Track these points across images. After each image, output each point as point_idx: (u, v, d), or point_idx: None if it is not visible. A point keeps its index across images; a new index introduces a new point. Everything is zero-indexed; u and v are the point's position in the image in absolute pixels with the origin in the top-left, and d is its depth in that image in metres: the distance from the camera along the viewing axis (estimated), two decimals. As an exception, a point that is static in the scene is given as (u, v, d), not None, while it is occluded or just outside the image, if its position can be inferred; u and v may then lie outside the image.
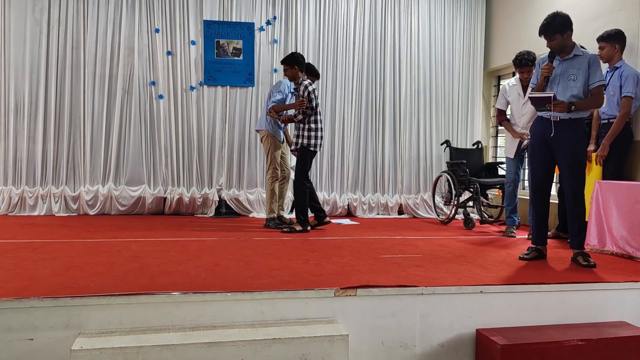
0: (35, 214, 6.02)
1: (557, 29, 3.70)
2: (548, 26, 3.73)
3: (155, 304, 2.67)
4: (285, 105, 5.34)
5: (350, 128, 6.80)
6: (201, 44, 6.45)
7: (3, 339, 2.51)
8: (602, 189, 4.25)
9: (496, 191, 6.34)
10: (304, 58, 5.36)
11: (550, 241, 4.17)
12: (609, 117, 4.62)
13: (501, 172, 6.24)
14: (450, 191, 6.19)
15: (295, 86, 5.25)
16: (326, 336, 2.62)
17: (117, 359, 2.39)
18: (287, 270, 3.33)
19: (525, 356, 2.76)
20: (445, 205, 6.62)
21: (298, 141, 5.16)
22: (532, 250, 3.95)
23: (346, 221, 6.18)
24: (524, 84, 5.08)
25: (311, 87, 5.10)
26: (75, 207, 6.16)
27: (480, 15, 7.14)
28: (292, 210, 5.77)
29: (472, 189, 5.90)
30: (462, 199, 6.13)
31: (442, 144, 6.72)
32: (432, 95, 7.03)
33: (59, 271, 3.17)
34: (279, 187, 5.59)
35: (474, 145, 6.69)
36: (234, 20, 6.50)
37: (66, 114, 6.16)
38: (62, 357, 2.52)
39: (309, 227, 5.21)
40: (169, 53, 6.38)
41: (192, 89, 6.44)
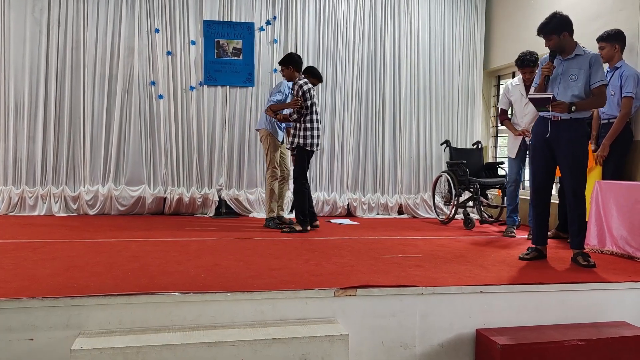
0: (35, 214, 6.02)
1: (553, 29, 3.71)
2: (544, 26, 3.75)
3: (155, 304, 2.67)
4: (282, 105, 5.35)
5: (350, 128, 6.80)
6: (201, 44, 6.45)
7: (3, 339, 2.51)
8: (602, 189, 4.25)
9: (496, 191, 6.34)
10: (301, 58, 5.38)
11: (550, 241, 4.17)
12: (609, 117, 4.62)
13: (501, 172, 6.25)
14: (450, 191, 6.19)
15: (293, 86, 5.27)
16: (326, 336, 2.63)
17: (117, 359, 2.39)
18: (287, 270, 3.33)
19: (525, 356, 2.76)
20: (445, 205, 6.62)
21: (294, 140, 5.17)
22: (532, 250, 3.95)
23: (346, 221, 6.18)
24: (527, 84, 5.07)
25: (306, 87, 5.11)
26: (75, 207, 6.16)
27: (480, 15, 7.14)
28: (292, 211, 5.78)
29: (472, 189, 5.90)
30: (462, 199, 6.13)
31: (442, 144, 6.72)
32: (432, 95, 7.03)
33: (59, 271, 3.17)
34: (279, 187, 5.60)
35: (473, 145, 6.69)
36: (234, 20, 6.50)
37: (66, 114, 6.16)
38: (62, 357, 2.52)
39: (308, 227, 5.21)
40: (169, 53, 6.38)
41: (192, 89, 6.44)
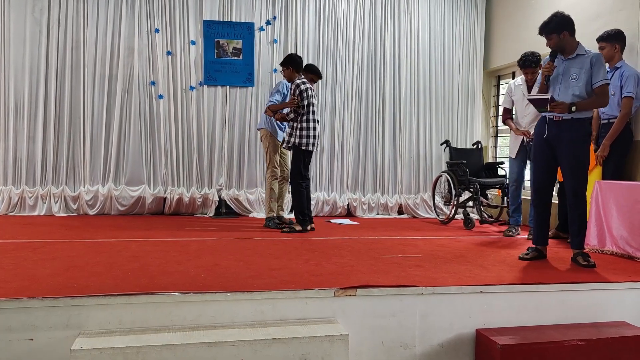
0: (35, 214, 6.02)
1: (553, 29, 3.71)
2: (545, 26, 3.75)
3: (155, 304, 2.67)
4: (280, 104, 5.36)
5: (350, 128, 6.80)
6: (201, 44, 6.44)
7: (3, 339, 2.51)
8: (602, 189, 4.25)
9: (496, 191, 6.34)
10: (301, 59, 5.38)
11: (550, 241, 4.17)
12: (609, 117, 4.63)
13: (501, 172, 6.25)
14: (450, 191, 6.19)
15: (291, 86, 5.28)
16: (326, 336, 2.62)
17: (117, 359, 2.39)
18: (287, 270, 3.33)
19: (525, 356, 2.76)
20: (445, 205, 6.62)
21: (290, 140, 5.17)
22: (532, 250, 3.95)
23: (346, 221, 6.18)
24: (529, 85, 5.06)
25: (303, 87, 5.12)
26: (75, 207, 6.16)
27: (480, 15, 7.14)
28: (292, 211, 5.77)
29: (472, 189, 5.90)
30: (462, 199, 6.13)
31: (442, 144, 6.72)
32: (432, 95, 7.03)
33: (59, 271, 3.17)
34: (279, 187, 5.61)
35: (473, 145, 6.68)
36: (233, 20, 6.50)
37: (66, 114, 6.16)
38: (62, 357, 2.52)
39: (308, 227, 5.21)
40: (168, 53, 6.38)
41: (192, 89, 6.44)
